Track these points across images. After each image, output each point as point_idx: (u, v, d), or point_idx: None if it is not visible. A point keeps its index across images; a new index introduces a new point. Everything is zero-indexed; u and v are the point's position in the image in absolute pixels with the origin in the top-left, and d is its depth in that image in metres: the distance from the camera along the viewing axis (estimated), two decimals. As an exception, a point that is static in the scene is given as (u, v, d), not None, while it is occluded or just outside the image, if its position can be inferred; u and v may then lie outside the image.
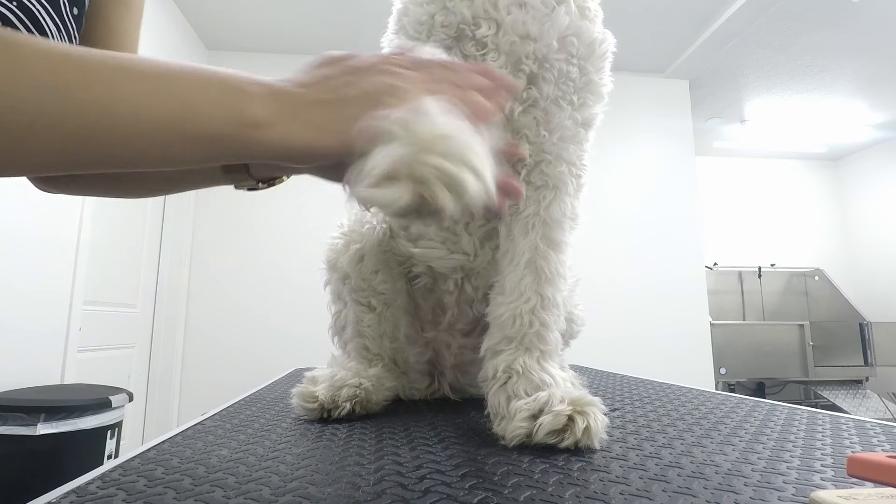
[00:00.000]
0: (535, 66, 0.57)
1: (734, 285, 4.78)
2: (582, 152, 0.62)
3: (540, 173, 0.60)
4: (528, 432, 0.47)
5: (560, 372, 0.55)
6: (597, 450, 0.46)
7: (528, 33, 0.56)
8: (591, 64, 0.59)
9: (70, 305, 1.97)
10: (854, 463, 0.29)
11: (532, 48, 0.56)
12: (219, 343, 3.06)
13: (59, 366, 1.92)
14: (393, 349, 0.71)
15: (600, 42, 0.59)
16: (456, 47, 0.57)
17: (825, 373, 3.99)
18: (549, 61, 0.57)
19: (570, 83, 0.58)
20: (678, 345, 3.35)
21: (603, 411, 0.48)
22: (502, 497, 0.34)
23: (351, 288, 0.72)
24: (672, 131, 3.64)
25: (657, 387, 0.87)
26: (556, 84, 0.58)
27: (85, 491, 0.35)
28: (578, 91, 0.59)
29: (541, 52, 0.56)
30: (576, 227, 0.62)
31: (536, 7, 0.56)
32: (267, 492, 0.35)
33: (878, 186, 5.02)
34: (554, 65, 0.57)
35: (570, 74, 0.58)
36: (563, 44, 0.57)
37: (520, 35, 0.56)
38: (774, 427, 0.56)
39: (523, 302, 0.56)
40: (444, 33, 0.57)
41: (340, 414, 0.59)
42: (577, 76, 0.58)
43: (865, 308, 4.33)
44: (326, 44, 3.25)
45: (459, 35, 0.57)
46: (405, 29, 0.59)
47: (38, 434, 1.39)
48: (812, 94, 4.03)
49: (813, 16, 3.04)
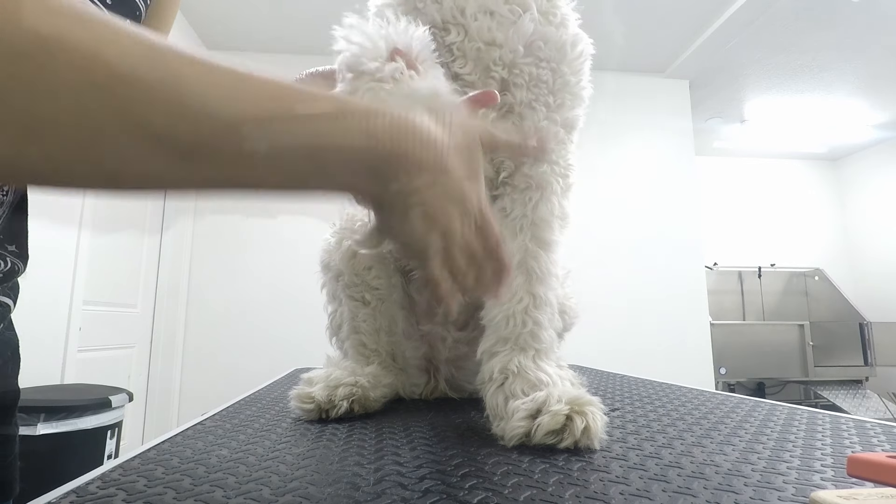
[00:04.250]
0: (505, 73, 0.58)
1: (734, 285, 4.78)
2: (565, 152, 0.62)
3: (523, 176, 0.61)
4: (527, 431, 0.47)
5: (557, 370, 0.56)
6: (596, 450, 0.46)
7: (493, 40, 0.57)
8: (566, 66, 0.59)
9: (70, 305, 1.97)
10: (854, 463, 0.29)
11: (498, 54, 0.57)
12: (219, 343, 3.06)
13: (59, 366, 1.92)
14: (391, 343, 0.72)
15: (573, 45, 0.60)
16: None
17: (825, 373, 3.98)
18: (518, 66, 0.57)
19: (542, 85, 0.59)
20: (678, 345, 3.35)
21: (602, 410, 0.48)
22: (502, 497, 0.34)
23: (345, 284, 0.72)
24: (672, 131, 3.64)
25: (657, 387, 0.87)
26: (527, 88, 0.58)
27: (85, 491, 0.35)
28: (555, 93, 0.59)
29: (507, 57, 0.57)
30: (566, 227, 0.63)
31: (503, 14, 0.57)
32: (267, 492, 0.35)
33: (878, 186, 5.02)
34: (523, 69, 0.58)
35: (542, 77, 0.58)
36: (530, 49, 0.58)
37: (485, 41, 0.57)
38: (774, 427, 0.56)
39: (516, 302, 0.57)
40: None
41: (338, 413, 0.59)
42: (551, 78, 0.59)
43: (865, 308, 4.33)
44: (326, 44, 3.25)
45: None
46: None
47: (38, 434, 1.39)
48: (812, 93, 4.03)
49: (813, 16, 3.04)
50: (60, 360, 1.93)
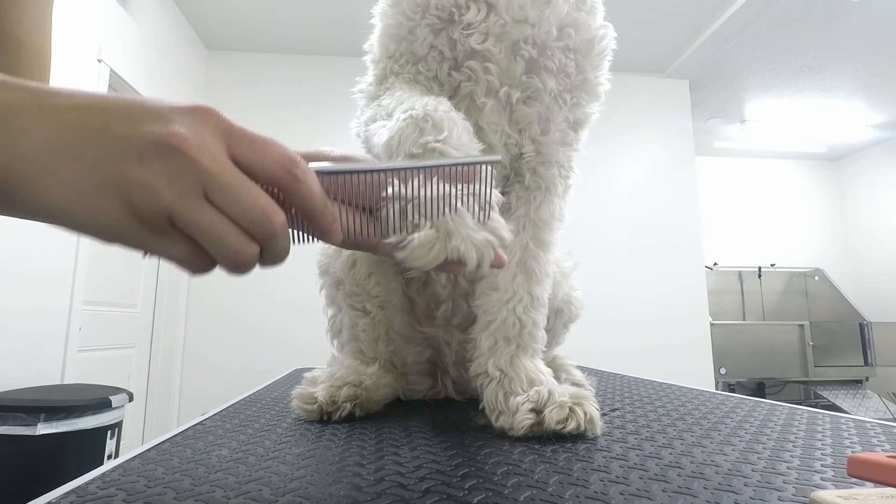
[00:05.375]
0: (536, 52, 0.56)
1: (734, 285, 4.78)
2: (572, 152, 0.63)
3: (533, 174, 0.61)
4: (534, 423, 0.50)
5: (545, 368, 0.58)
6: (598, 436, 0.49)
7: (525, 17, 0.55)
8: (589, 61, 0.59)
9: (70, 305, 1.97)
10: (854, 463, 0.29)
11: (531, 33, 0.56)
12: (219, 343, 3.06)
13: (59, 366, 1.92)
14: (389, 352, 0.71)
15: (600, 38, 0.59)
16: (445, 30, 0.57)
17: (825, 373, 3.99)
18: (550, 48, 0.56)
19: (566, 79, 0.58)
20: (678, 345, 3.35)
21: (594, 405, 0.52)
22: (502, 497, 0.34)
23: (345, 293, 0.71)
24: (672, 131, 3.64)
25: (657, 387, 0.87)
26: (556, 77, 0.57)
27: (85, 491, 0.35)
28: (573, 89, 0.59)
29: (540, 37, 0.56)
30: (561, 228, 0.63)
31: None
32: (267, 492, 0.35)
33: (877, 186, 5.03)
34: (555, 53, 0.57)
35: (567, 69, 0.58)
36: (562, 34, 0.57)
37: (515, 18, 0.55)
38: (774, 427, 0.56)
39: (517, 301, 0.58)
40: (437, 16, 0.57)
41: (340, 416, 0.59)
42: (574, 72, 0.58)
43: (865, 308, 4.33)
44: (327, 44, 3.25)
45: (451, 18, 0.57)
46: (401, 6, 0.58)
47: (38, 434, 1.39)
48: (812, 94, 4.03)
49: (813, 16, 3.04)
50: (60, 360, 1.93)
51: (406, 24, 0.58)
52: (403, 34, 0.59)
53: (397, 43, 0.60)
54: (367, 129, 0.57)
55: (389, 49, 0.60)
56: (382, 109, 0.54)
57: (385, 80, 0.60)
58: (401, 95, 0.54)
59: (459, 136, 0.47)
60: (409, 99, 0.52)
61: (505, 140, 0.60)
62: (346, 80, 0.67)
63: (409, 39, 0.58)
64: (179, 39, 3.03)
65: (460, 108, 0.57)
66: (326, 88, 3.27)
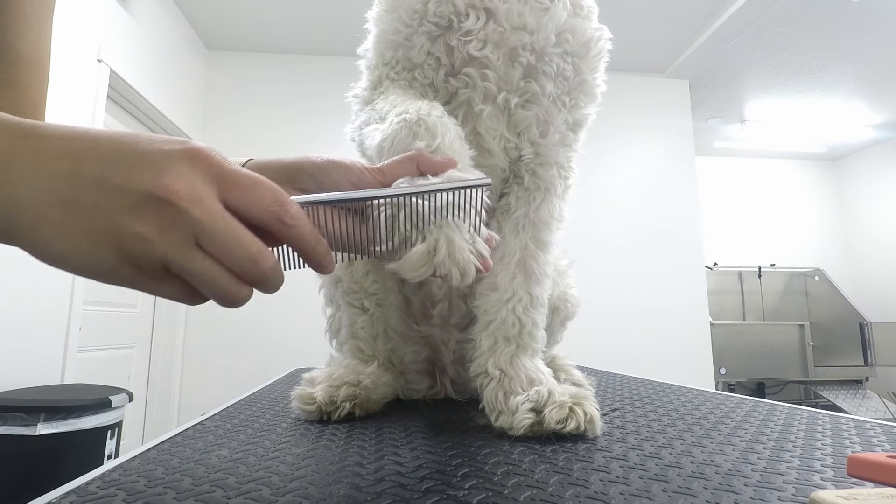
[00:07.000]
0: (534, 59, 0.57)
1: (734, 285, 4.78)
2: (571, 153, 0.63)
3: (533, 175, 0.61)
4: (534, 422, 0.50)
5: (545, 368, 0.58)
6: (598, 436, 0.49)
7: (523, 24, 0.56)
8: (586, 63, 0.59)
9: (70, 305, 1.97)
10: (854, 463, 0.29)
11: (529, 39, 0.56)
12: (219, 343, 3.06)
13: (59, 366, 1.92)
14: (387, 350, 0.71)
15: (596, 41, 0.60)
16: (442, 37, 0.57)
17: (825, 373, 3.99)
18: (548, 54, 0.57)
19: (564, 82, 0.59)
20: (678, 345, 3.35)
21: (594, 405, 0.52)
22: (502, 497, 0.34)
23: (343, 291, 0.72)
24: (672, 131, 3.64)
25: (657, 387, 0.87)
26: (554, 81, 0.58)
27: (85, 491, 0.35)
28: (571, 91, 0.59)
29: (538, 44, 0.56)
30: (560, 228, 0.64)
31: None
32: (267, 492, 0.35)
33: (877, 186, 5.03)
34: (553, 58, 0.57)
35: (565, 72, 0.58)
36: (559, 39, 0.57)
37: (513, 25, 0.56)
38: (774, 427, 0.56)
39: (517, 301, 0.58)
40: (435, 23, 0.57)
41: (339, 415, 0.59)
42: (571, 75, 0.59)
43: (865, 308, 4.33)
44: (327, 44, 3.25)
45: (449, 25, 0.57)
46: (399, 13, 0.58)
47: (38, 434, 1.39)
48: (812, 94, 4.03)
49: (813, 16, 3.04)
50: (60, 360, 1.93)
51: (403, 31, 0.58)
52: (400, 41, 0.59)
53: (394, 50, 0.60)
54: (360, 133, 0.57)
55: (385, 56, 0.61)
56: (376, 113, 0.54)
57: (379, 86, 0.60)
58: (394, 99, 0.55)
59: (452, 141, 0.47)
60: (403, 103, 0.52)
61: (504, 144, 0.60)
62: (346, 80, 0.67)
63: (406, 46, 0.59)
64: (179, 39, 3.03)
65: (458, 113, 0.58)
66: (326, 88, 3.27)
